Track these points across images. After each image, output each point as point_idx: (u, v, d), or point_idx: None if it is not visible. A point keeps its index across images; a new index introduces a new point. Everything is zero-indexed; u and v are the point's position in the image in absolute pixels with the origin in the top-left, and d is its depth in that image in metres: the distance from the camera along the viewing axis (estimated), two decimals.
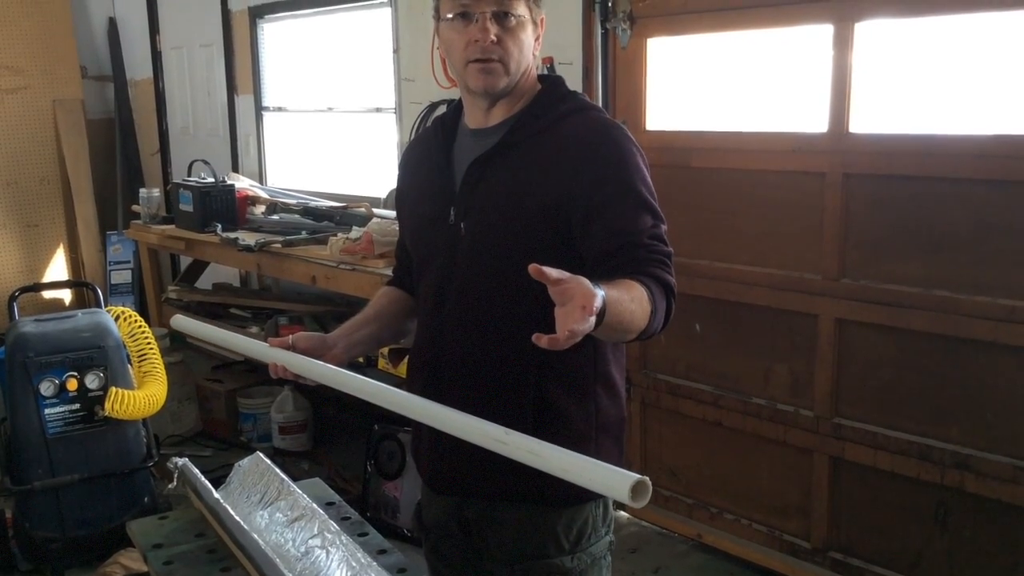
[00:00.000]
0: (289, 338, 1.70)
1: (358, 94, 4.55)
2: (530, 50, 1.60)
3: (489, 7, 1.53)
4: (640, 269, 1.47)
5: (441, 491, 1.74)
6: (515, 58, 1.57)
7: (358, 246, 3.42)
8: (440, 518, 1.77)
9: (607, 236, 1.52)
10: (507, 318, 1.60)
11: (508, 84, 1.58)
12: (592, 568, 1.68)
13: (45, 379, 3.20)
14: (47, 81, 5.71)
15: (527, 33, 1.58)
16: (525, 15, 1.56)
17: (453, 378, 1.63)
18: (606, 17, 3.29)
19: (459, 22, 1.56)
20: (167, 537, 1.80)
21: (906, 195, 2.69)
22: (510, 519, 1.65)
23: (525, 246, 1.55)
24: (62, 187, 5.81)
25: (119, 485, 3.33)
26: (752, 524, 3.23)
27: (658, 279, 1.47)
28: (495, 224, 1.59)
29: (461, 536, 1.73)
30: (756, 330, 3.11)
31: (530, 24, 1.58)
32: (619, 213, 1.52)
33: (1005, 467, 2.57)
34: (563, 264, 1.55)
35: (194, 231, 4.28)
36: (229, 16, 5.15)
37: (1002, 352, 2.55)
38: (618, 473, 1.15)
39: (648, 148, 1.99)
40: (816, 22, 2.82)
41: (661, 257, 1.52)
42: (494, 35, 1.53)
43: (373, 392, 1.50)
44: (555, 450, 1.23)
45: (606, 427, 1.66)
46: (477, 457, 1.39)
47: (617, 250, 1.51)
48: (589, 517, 1.67)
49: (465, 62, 1.57)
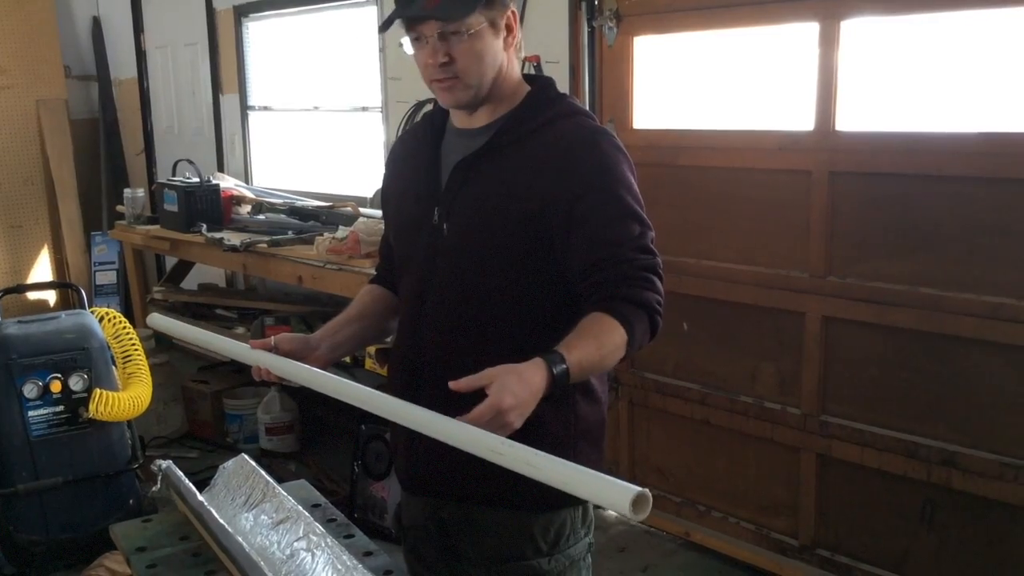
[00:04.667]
0: (271, 339, 1.68)
1: (344, 93, 4.53)
2: (496, 54, 1.56)
3: (434, 29, 1.52)
4: (617, 292, 1.48)
5: (416, 492, 1.74)
6: (474, 70, 1.55)
7: (344, 246, 3.41)
8: (417, 519, 1.76)
9: (588, 248, 1.51)
10: (485, 321, 1.59)
11: (476, 95, 1.57)
12: (571, 570, 1.67)
13: (28, 381, 3.18)
14: (30, 81, 5.67)
15: (485, 41, 1.54)
16: (478, 24, 1.52)
17: (430, 379, 1.62)
18: (593, 15, 3.29)
19: (415, 44, 1.56)
20: (151, 540, 1.78)
21: (892, 193, 2.70)
22: (486, 521, 1.65)
23: (506, 251, 1.55)
24: (46, 188, 5.77)
25: (104, 488, 3.31)
26: (740, 522, 3.23)
27: (637, 301, 1.48)
28: (477, 227, 1.58)
29: (438, 537, 1.72)
30: (743, 328, 3.11)
31: (489, 30, 1.54)
32: (601, 224, 1.52)
33: (991, 463, 2.58)
34: (543, 270, 1.56)
35: (179, 231, 4.25)
36: (214, 15, 5.13)
37: (988, 349, 2.56)
38: (619, 486, 1.14)
39: (635, 146, 2.00)
40: (802, 20, 2.82)
41: (643, 272, 1.51)
42: (444, 56, 1.52)
43: (356, 395, 1.49)
44: (555, 462, 1.21)
45: (585, 433, 1.65)
46: (452, 460, 1.38)
47: (597, 264, 1.50)
48: (567, 519, 1.66)
49: (429, 81, 1.58)
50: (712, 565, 3.25)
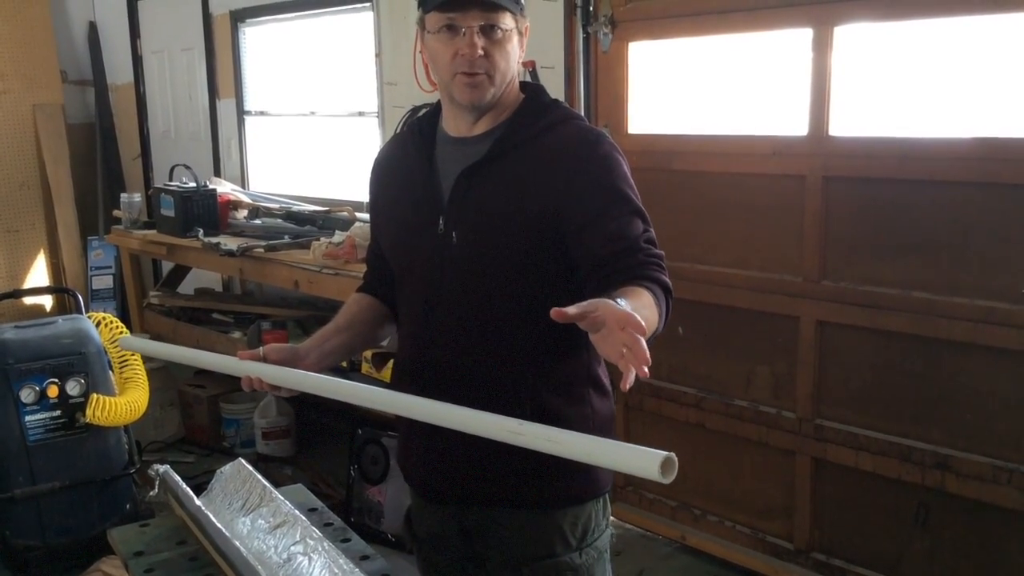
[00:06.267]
0: (260, 350, 1.68)
1: (340, 98, 4.54)
2: (516, 61, 1.61)
3: (476, 21, 1.53)
4: (640, 273, 1.50)
5: (436, 501, 1.72)
6: (501, 70, 1.57)
7: (341, 250, 3.42)
8: (435, 528, 1.75)
9: (603, 242, 1.53)
10: (500, 327, 1.60)
11: (494, 96, 1.59)
12: (598, 562, 1.69)
13: (25, 386, 3.18)
14: (27, 86, 5.67)
15: (513, 44, 1.58)
16: (511, 27, 1.56)
17: (444, 388, 1.58)
18: (588, 21, 3.30)
19: (446, 34, 1.55)
20: (148, 545, 1.79)
21: (886, 198, 2.71)
22: (513, 523, 1.64)
23: (516, 255, 1.57)
24: (42, 192, 5.77)
25: (101, 492, 3.31)
26: (735, 526, 3.24)
27: (658, 281, 1.50)
28: (487, 234, 1.59)
29: (461, 545, 1.71)
30: (738, 332, 3.12)
31: (516, 35, 1.58)
32: (613, 220, 1.54)
33: (985, 467, 2.59)
34: (553, 272, 1.57)
35: (176, 236, 4.26)
36: (210, 20, 5.13)
37: (980, 353, 2.57)
38: (646, 452, 1.15)
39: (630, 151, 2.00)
40: (796, 26, 2.83)
41: (657, 260, 1.54)
42: (481, 48, 1.53)
43: (354, 393, 1.50)
44: (574, 436, 1.22)
45: (601, 426, 1.66)
46: (473, 464, 1.38)
47: (614, 255, 1.52)
48: (592, 512, 1.67)
49: (452, 74, 1.57)
50: (708, 569, 3.26)
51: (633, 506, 3.54)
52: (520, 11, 1.58)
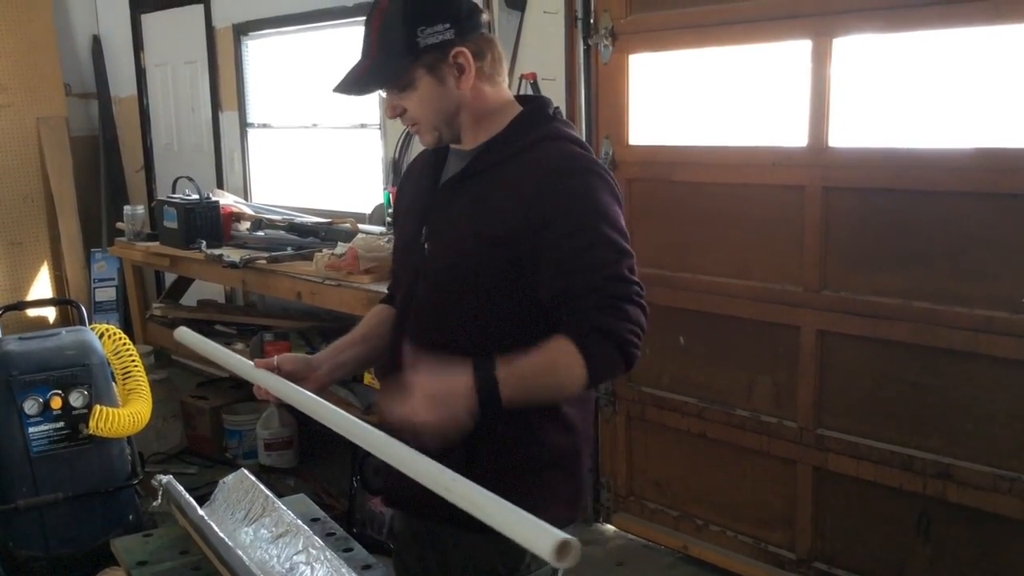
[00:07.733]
0: (274, 359, 1.70)
1: (343, 110, 4.56)
2: (445, 97, 1.57)
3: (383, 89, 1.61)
4: (585, 321, 1.46)
5: (391, 505, 1.83)
6: (427, 116, 1.59)
7: (343, 262, 3.43)
8: (400, 529, 1.84)
9: (556, 276, 1.50)
10: (454, 341, 1.58)
11: (442, 135, 1.62)
12: None
13: (29, 397, 3.19)
14: (31, 99, 5.70)
15: (428, 88, 1.55)
16: (417, 76, 1.55)
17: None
18: (588, 34, 3.32)
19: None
20: (152, 554, 1.79)
21: (885, 207, 2.72)
22: (451, 540, 1.65)
23: (477, 273, 1.56)
24: (46, 205, 5.79)
25: (104, 503, 3.31)
26: (737, 536, 3.24)
27: (605, 331, 1.45)
28: (451, 248, 1.60)
29: (416, 548, 1.76)
30: (739, 342, 3.13)
31: (428, 79, 1.55)
32: (570, 253, 1.49)
33: (986, 476, 2.59)
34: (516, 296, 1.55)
35: (179, 248, 4.27)
36: (213, 33, 5.16)
37: (981, 362, 2.58)
38: (546, 530, 1.14)
39: (630, 163, 2.03)
40: (795, 38, 2.85)
41: (614, 301, 1.47)
42: (397, 108, 1.60)
43: (343, 425, 1.50)
44: (500, 504, 1.21)
45: (554, 462, 1.63)
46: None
47: (566, 292, 1.49)
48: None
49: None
50: None
51: (635, 516, 3.54)
52: (416, 58, 1.53)
